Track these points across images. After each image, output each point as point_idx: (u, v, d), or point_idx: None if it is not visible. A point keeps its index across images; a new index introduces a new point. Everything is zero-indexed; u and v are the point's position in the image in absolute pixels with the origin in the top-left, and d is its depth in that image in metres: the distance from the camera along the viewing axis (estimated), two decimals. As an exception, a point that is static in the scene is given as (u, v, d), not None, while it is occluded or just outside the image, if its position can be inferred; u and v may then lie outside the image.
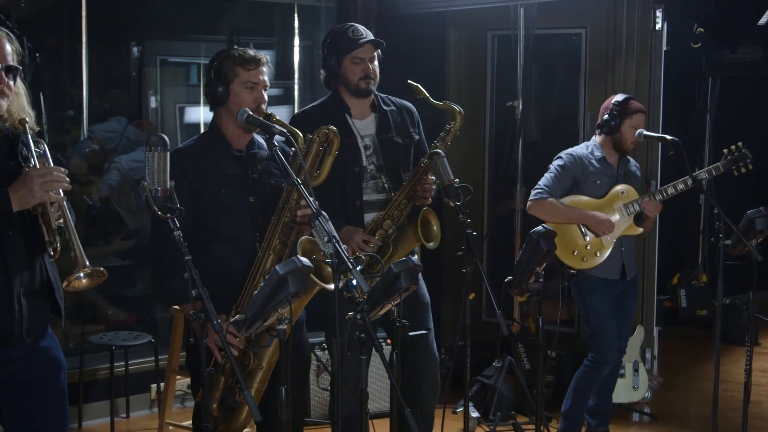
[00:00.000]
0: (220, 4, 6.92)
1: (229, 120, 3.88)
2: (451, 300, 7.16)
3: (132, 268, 6.70)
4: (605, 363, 5.21)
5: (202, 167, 3.83)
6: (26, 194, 3.05)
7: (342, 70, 4.39)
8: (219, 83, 3.84)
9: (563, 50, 7.08)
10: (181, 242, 3.13)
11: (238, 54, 3.84)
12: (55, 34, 6.27)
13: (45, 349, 3.34)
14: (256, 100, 3.83)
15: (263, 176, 3.94)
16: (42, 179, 3.05)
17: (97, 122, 6.45)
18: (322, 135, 3.85)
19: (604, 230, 5.11)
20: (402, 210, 4.35)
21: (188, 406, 6.11)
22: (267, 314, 3.13)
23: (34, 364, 3.30)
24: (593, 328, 5.21)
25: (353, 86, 4.39)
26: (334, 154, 3.86)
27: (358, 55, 4.36)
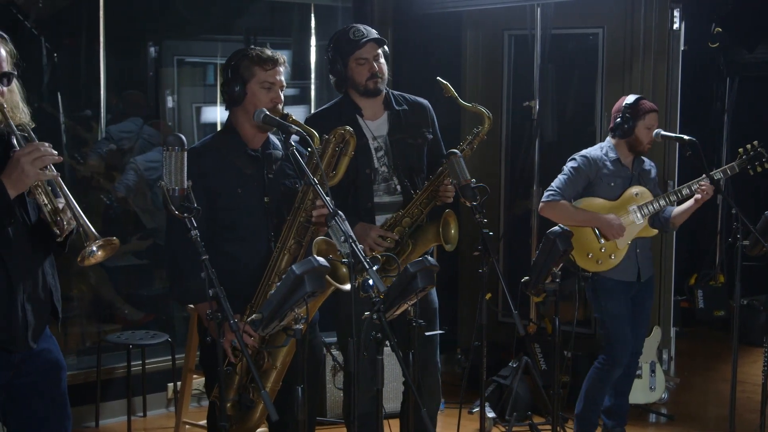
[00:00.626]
0: (237, 4, 6.93)
1: (245, 119, 3.88)
2: (467, 300, 7.15)
3: (149, 268, 6.72)
4: (617, 365, 5.19)
5: (218, 167, 3.84)
6: (19, 176, 3.02)
7: (348, 72, 4.38)
8: (236, 83, 3.84)
9: (580, 50, 7.06)
10: (198, 242, 3.13)
11: (256, 54, 3.84)
12: (73, 35, 6.29)
13: (45, 351, 3.35)
14: (273, 100, 3.83)
15: (278, 176, 3.94)
16: (30, 156, 3.02)
17: (114, 122, 6.47)
18: (338, 135, 3.85)
19: (615, 234, 5.09)
20: (422, 209, 4.35)
21: (204, 405, 6.12)
22: (284, 314, 3.14)
23: (35, 366, 3.31)
24: (608, 330, 5.20)
25: (362, 87, 4.38)
26: (350, 154, 3.85)
27: (361, 55, 4.35)
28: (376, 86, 4.37)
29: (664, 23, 6.39)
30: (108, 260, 3.32)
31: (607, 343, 5.22)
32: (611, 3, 6.50)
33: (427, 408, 4.50)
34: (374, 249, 4.26)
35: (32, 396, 3.32)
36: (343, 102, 4.48)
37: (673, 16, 6.37)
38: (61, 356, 3.44)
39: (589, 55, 6.83)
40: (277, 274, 3.72)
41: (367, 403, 4.21)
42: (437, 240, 4.31)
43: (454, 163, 4.08)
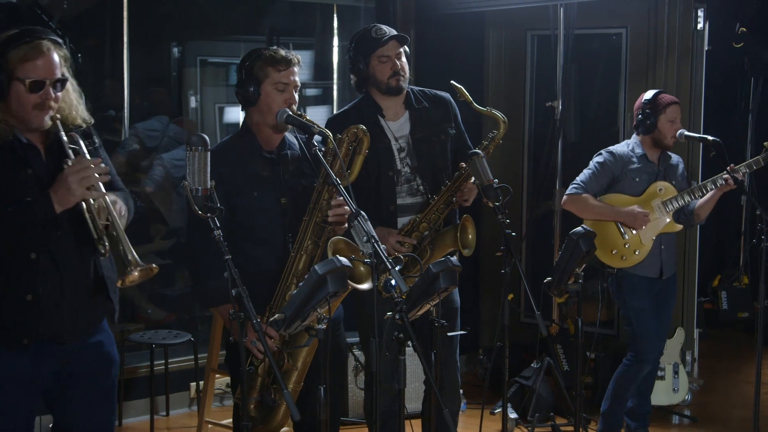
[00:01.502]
0: (259, 4, 6.95)
1: (260, 120, 3.88)
2: (489, 301, 7.15)
3: (172, 268, 6.74)
4: (645, 362, 5.18)
5: (234, 169, 3.83)
6: (65, 193, 3.09)
7: (370, 70, 4.37)
8: (250, 83, 3.83)
9: (603, 50, 7.04)
10: (221, 241, 3.14)
11: (269, 54, 3.83)
12: (97, 35, 6.32)
13: (98, 344, 3.41)
14: (287, 101, 3.81)
15: (295, 177, 3.93)
16: (76, 176, 3.09)
17: (137, 122, 6.49)
18: (351, 134, 3.84)
19: (640, 224, 5.08)
20: (440, 214, 4.34)
21: (227, 404, 6.14)
22: (306, 314, 3.15)
23: (87, 358, 3.37)
24: (633, 326, 5.18)
25: (383, 85, 4.36)
26: (364, 153, 3.85)
27: (383, 53, 4.33)
28: (398, 84, 4.36)
29: (688, 23, 6.36)
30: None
31: (633, 340, 5.20)
32: (635, 3, 6.48)
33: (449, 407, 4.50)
34: (392, 254, 4.24)
35: (80, 387, 3.37)
36: (364, 103, 4.47)
37: (697, 16, 6.34)
38: (115, 351, 3.49)
39: (612, 55, 6.81)
40: (294, 275, 3.73)
41: (389, 403, 4.21)
42: (455, 245, 4.30)
43: (476, 163, 4.07)
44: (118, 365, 3.53)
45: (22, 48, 3.15)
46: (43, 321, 3.20)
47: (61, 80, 3.23)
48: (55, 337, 3.26)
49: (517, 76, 7.09)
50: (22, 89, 3.15)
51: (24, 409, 3.28)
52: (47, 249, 3.19)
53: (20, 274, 3.16)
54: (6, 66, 3.13)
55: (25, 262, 3.16)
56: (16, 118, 3.19)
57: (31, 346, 3.21)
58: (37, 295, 3.18)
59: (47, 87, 3.17)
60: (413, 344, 3.26)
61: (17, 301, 3.16)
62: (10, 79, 3.14)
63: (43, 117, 3.19)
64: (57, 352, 3.28)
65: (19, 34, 3.19)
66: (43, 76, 3.16)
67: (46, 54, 3.17)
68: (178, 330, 5.95)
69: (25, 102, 3.15)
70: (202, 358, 5.80)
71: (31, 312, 3.18)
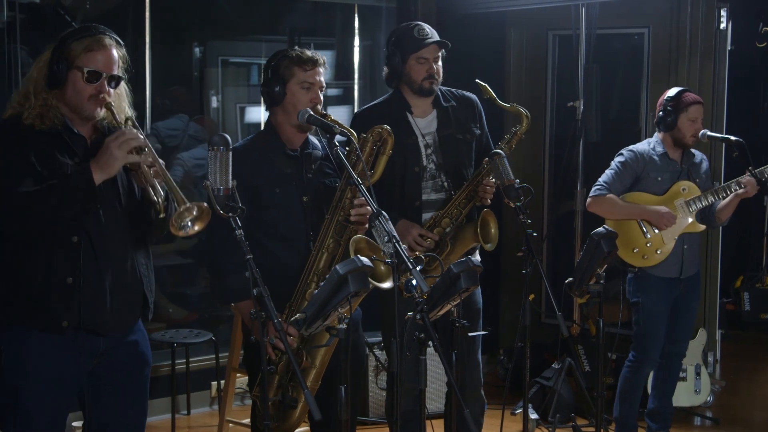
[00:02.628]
0: (281, 4, 6.96)
1: (284, 119, 3.90)
2: (510, 301, 7.13)
3: (193, 267, 6.76)
4: (647, 363, 5.18)
5: (258, 166, 3.85)
6: (108, 159, 3.15)
7: (406, 68, 4.38)
8: (276, 83, 3.85)
9: (625, 50, 7.01)
10: (242, 241, 3.16)
11: (296, 54, 3.85)
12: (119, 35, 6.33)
13: (133, 343, 3.44)
14: (312, 101, 3.83)
15: (317, 176, 3.95)
16: (117, 141, 3.16)
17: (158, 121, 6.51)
18: (376, 134, 3.86)
19: (666, 223, 5.06)
20: (461, 209, 4.35)
21: (248, 403, 6.15)
22: (327, 313, 3.15)
23: (120, 357, 3.40)
24: (641, 327, 5.17)
25: (416, 86, 4.37)
26: (388, 153, 3.86)
27: (423, 55, 4.35)
28: (431, 87, 4.38)
29: (710, 23, 6.33)
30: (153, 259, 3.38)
31: (638, 340, 5.20)
32: (657, 2, 6.45)
33: (471, 408, 4.50)
34: (414, 248, 4.25)
35: (113, 386, 3.40)
36: (393, 98, 4.48)
37: (720, 16, 6.31)
38: (149, 350, 3.52)
39: (634, 55, 6.78)
40: (315, 274, 3.74)
41: (410, 403, 4.21)
42: (476, 240, 4.30)
43: (498, 163, 4.07)
44: (151, 365, 3.55)
45: (85, 40, 3.24)
46: (83, 307, 3.23)
47: (117, 78, 3.30)
48: (94, 327, 3.28)
49: (538, 76, 7.07)
50: (79, 78, 3.22)
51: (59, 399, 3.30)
52: (89, 236, 3.23)
53: (62, 257, 3.20)
54: (67, 55, 3.22)
55: (67, 245, 3.20)
56: (69, 107, 3.26)
57: (70, 334, 3.23)
58: (77, 279, 3.21)
59: (103, 80, 3.25)
60: (434, 344, 3.26)
61: (58, 283, 3.20)
62: (69, 67, 3.22)
63: (96, 107, 3.26)
64: (94, 347, 3.30)
65: (84, 28, 3.29)
66: (101, 68, 3.24)
67: (107, 48, 3.26)
68: (199, 329, 5.96)
69: (82, 91, 3.23)
70: (223, 357, 5.82)
71: (72, 295, 3.21)
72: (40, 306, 3.20)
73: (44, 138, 3.21)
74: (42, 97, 3.23)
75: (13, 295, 3.23)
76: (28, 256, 3.20)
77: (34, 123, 3.20)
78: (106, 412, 3.40)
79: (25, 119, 3.21)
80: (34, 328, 3.22)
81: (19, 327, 3.24)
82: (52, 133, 3.22)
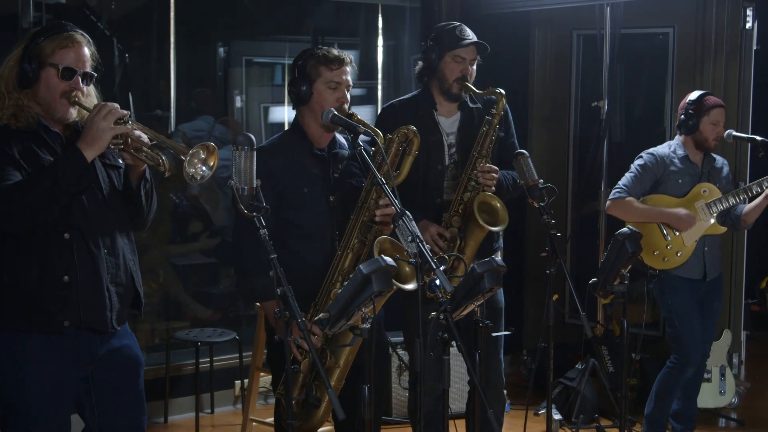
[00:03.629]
0: (305, 4, 6.97)
1: (311, 119, 3.91)
2: (534, 301, 7.12)
3: (217, 266, 6.78)
4: (689, 364, 5.14)
5: (285, 166, 3.86)
6: (95, 133, 3.13)
7: (441, 65, 4.38)
8: (302, 82, 3.86)
9: (650, 50, 6.99)
10: (266, 240, 3.16)
11: (322, 54, 3.86)
12: (145, 36, 6.38)
13: (125, 347, 3.43)
14: (339, 100, 3.84)
15: (344, 176, 3.96)
16: (100, 114, 3.14)
17: (184, 122, 6.54)
18: (402, 135, 3.86)
19: (686, 225, 5.04)
20: (465, 204, 4.32)
21: (271, 402, 6.16)
22: (351, 313, 3.16)
23: (115, 362, 3.39)
24: (676, 329, 5.14)
25: (446, 85, 4.37)
26: (413, 153, 3.86)
27: (461, 53, 4.36)
28: (459, 92, 4.38)
29: (736, 22, 6.30)
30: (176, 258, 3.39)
31: (676, 343, 5.16)
32: (682, 2, 6.42)
33: (493, 408, 4.49)
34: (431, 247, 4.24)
35: (111, 391, 3.39)
36: (421, 95, 4.49)
37: (745, 15, 6.28)
38: (140, 352, 3.52)
39: (659, 54, 6.76)
40: (340, 274, 3.74)
41: (433, 403, 4.21)
42: (482, 228, 4.26)
43: (521, 163, 4.07)
44: (144, 366, 3.54)
45: (57, 37, 3.23)
46: (83, 305, 3.22)
47: (90, 75, 3.29)
48: (95, 324, 3.27)
49: (562, 76, 7.06)
50: (53, 74, 3.21)
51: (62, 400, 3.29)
52: (80, 232, 3.21)
53: (55, 255, 3.18)
54: (38, 53, 3.20)
55: (59, 243, 3.18)
56: (41, 107, 3.24)
57: (71, 334, 3.22)
58: (73, 277, 3.20)
59: (77, 77, 3.24)
60: (457, 344, 3.26)
61: (54, 282, 3.18)
62: (41, 66, 3.20)
63: (68, 108, 3.24)
64: (92, 350, 3.30)
65: (54, 26, 3.28)
66: (74, 65, 3.23)
67: (80, 45, 3.25)
68: (223, 328, 5.98)
69: (54, 88, 3.21)
70: (247, 356, 5.84)
71: (69, 294, 3.19)
72: (38, 307, 3.17)
73: (22, 136, 3.18)
74: (14, 97, 3.20)
75: (8, 297, 3.19)
76: (22, 257, 3.17)
77: (10, 123, 3.18)
78: (106, 417, 3.39)
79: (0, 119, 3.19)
80: (33, 330, 3.19)
81: (15, 331, 3.21)
82: (29, 132, 3.20)
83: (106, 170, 3.36)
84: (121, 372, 3.42)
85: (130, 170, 3.36)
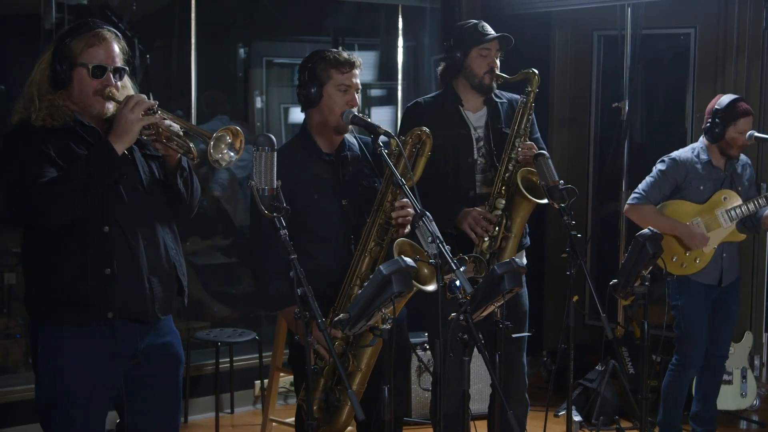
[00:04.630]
0: (324, 5, 6.98)
1: (321, 122, 3.89)
2: (553, 302, 7.11)
3: (237, 266, 6.80)
4: (690, 366, 5.14)
5: (294, 171, 3.82)
6: (124, 126, 3.16)
7: (468, 61, 4.39)
8: (312, 85, 3.84)
9: (671, 50, 6.96)
10: (287, 241, 3.15)
11: (332, 56, 3.84)
12: (166, 36, 6.40)
13: (167, 345, 3.46)
14: (349, 103, 3.83)
15: (355, 178, 3.95)
16: (127, 107, 3.17)
17: (204, 122, 6.56)
18: (415, 136, 3.83)
19: (696, 245, 5.03)
20: (507, 183, 4.32)
21: (291, 403, 6.18)
22: (371, 314, 3.15)
23: (156, 358, 3.41)
24: (682, 330, 5.14)
25: (477, 79, 4.39)
26: (426, 155, 3.84)
27: (487, 47, 4.38)
28: (491, 83, 4.40)
29: (758, 23, 6.26)
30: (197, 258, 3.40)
31: (680, 344, 5.17)
32: (704, 2, 6.40)
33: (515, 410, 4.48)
34: (474, 229, 4.23)
35: (149, 387, 3.41)
36: (445, 94, 4.50)
37: (767, 15, 6.24)
38: (182, 350, 3.54)
39: (680, 55, 6.73)
40: (358, 277, 3.74)
41: (454, 405, 4.21)
42: (528, 201, 4.24)
43: (542, 164, 4.05)
44: (183, 365, 3.57)
45: (84, 36, 3.25)
46: (125, 296, 3.25)
47: (121, 69, 3.31)
48: (138, 315, 3.30)
49: (583, 76, 7.04)
50: (84, 74, 3.24)
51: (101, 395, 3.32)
52: (119, 225, 3.24)
53: (95, 249, 3.21)
54: (68, 54, 3.23)
55: (98, 236, 3.21)
56: (77, 106, 3.27)
57: (115, 325, 3.25)
58: (114, 269, 3.22)
59: (108, 73, 3.26)
60: (477, 345, 3.25)
61: (96, 275, 3.21)
62: (72, 67, 3.23)
63: (104, 104, 3.27)
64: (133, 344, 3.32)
65: (81, 25, 3.29)
66: (104, 62, 3.25)
67: (108, 41, 3.28)
68: (243, 329, 6.00)
69: (87, 87, 3.25)
70: (267, 356, 5.85)
71: (111, 286, 3.22)
72: (82, 300, 3.20)
73: (59, 134, 3.22)
74: (47, 99, 3.23)
75: (50, 292, 3.23)
76: (62, 253, 3.21)
77: (46, 122, 3.21)
78: (142, 413, 3.42)
79: (35, 121, 3.22)
80: (76, 324, 3.23)
81: (57, 326, 3.24)
82: (65, 129, 3.23)
83: (147, 161, 3.40)
84: (160, 369, 3.44)
85: (165, 160, 3.38)
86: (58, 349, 3.25)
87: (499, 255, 4.26)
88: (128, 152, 3.27)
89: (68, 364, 3.25)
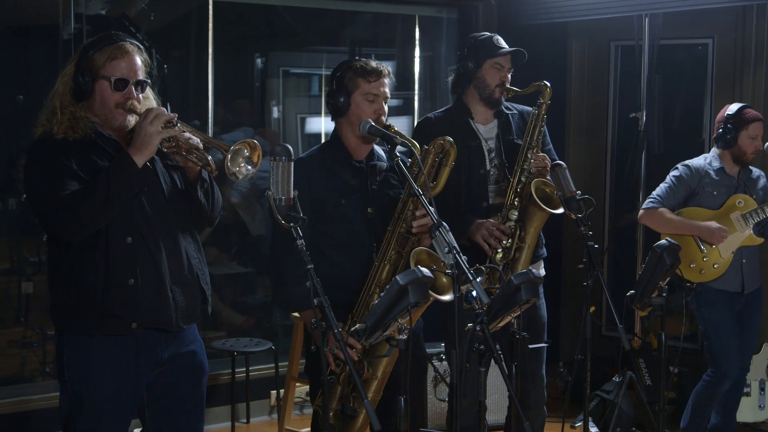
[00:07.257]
0: (342, 15, 7.00)
1: (349, 131, 3.91)
2: (570, 313, 7.08)
3: (253, 276, 6.80)
4: (725, 378, 5.10)
5: (323, 177, 3.87)
6: (144, 139, 3.18)
7: (480, 72, 4.41)
8: (340, 94, 3.86)
9: (689, 61, 6.94)
10: (303, 251, 3.16)
11: (360, 65, 3.86)
12: (183, 47, 6.43)
13: (191, 354, 3.47)
14: (377, 112, 3.84)
15: (382, 187, 3.96)
16: (147, 120, 3.19)
17: (221, 132, 6.58)
18: (438, 146, 3.85)
19: (718, 239, 5.00)
20: (520, 194, 4.31)
21: (307, 413, 6.18)
22: (387, 324, 3.15)
23: (180, 367, 3.43)
24: (712, 342, 5.11)
25: (488, 91, 4.41)
26: (450, 164, 3.85)
27: (500, 61, 4.40)
28: (501, 96, 4.42)
29: (777, 33, 6.24)
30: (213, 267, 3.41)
31: (712, 356, 5.13)
32: (721, 13, 6.37)
33: (533, 422, 4.47)
34: (488, 240, 4.23)
35: (172, 396, 3.43)
36: (456, 107, 4.52)
37: (786, 26, 6.22)
38: (206, 360, 3.55)
39: (698, 65, 6.71)
40: (377, 285, 3.74)
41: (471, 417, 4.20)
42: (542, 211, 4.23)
43: (559, 174, 4.05)
44: (208, 375, 3.58)
45: (107, 49, 3.27)
46: (149, 306, 3.27)
47: (143, 82, 3.33)
48: (162, 325, 3.32)
49: (600, 86, 7.03)
50: (106, 87, 3.26)
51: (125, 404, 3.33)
52: (141, 236, 3.26)
53: (119, 260, 3.24)
54: (91, 67, 3.26)
55: (122, 247, 3.24)
56: (99, 118, 3.30)
57: (139, 336, 3.27)
58: (137, 280, 3.25)
59: (130, 86, 3.28)
60: (494, 356, 3.25)
61: (120, 286, 3.23)
62: (94, 79, 3.26)
63: (126, 116, 3.30)
64: (158, 353, 3.34)
65: (104, 37, 3.32)
66: (126, 75, 3.28)
67: (130, 54, 3.30)
68: (259, 338, 6.00)
69: (109, 100, 3.27)
70: (283, 366, 5.85)
71: (135, 296, 3.24)
72: (107, 311, 3.23)
73: (80, 146, 3.24)
74: (69, 111, 3.26)
75: (75, 303, 3.26)
76: (87, 264, 3.23)
77: (67, 135, 3.23)
78: (166, 422, 3.43)
79: (56, 134, 3.23)
80: (102, 334, 3.25)
81: (84, 335, 3.27)
82: (86, 142, 3.25)
83: (168, 171, 3.42)
84: (184, 378, 3.45)
85: (185, 171, 3.41)
86: (83, 355, 3.28)
87: (513, 266, 4.26)
88: (150, 163, 3.28)
89: (94, 370, 3.27)
